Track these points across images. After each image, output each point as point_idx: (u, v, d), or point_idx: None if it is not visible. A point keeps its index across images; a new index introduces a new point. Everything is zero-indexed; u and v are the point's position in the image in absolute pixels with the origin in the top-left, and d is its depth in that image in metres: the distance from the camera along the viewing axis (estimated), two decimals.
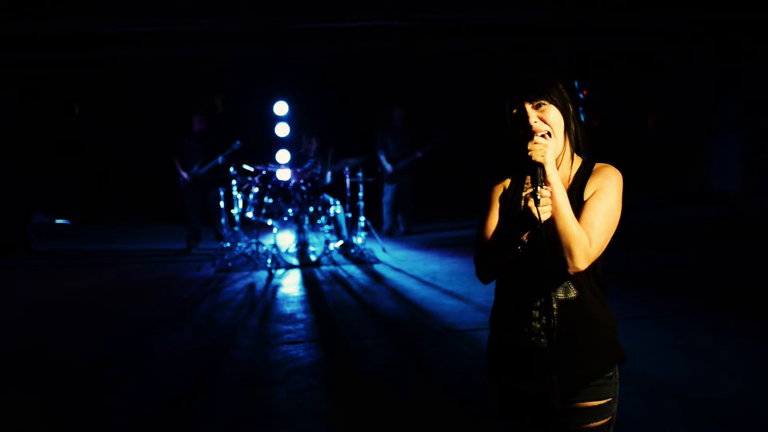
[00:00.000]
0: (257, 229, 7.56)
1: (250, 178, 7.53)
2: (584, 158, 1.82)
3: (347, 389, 3.92)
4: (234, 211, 7.67)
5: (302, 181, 7.46)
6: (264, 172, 7.59)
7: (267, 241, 7.51)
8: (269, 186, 7.45)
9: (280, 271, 7.07)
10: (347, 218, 7.86)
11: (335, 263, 7.42)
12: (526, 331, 1.76)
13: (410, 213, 9.18)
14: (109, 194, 11.62)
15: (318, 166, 7.88)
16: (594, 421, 1.78)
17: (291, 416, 3.53)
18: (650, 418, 3.29)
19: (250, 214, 7.45)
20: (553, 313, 1.73)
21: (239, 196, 7.60)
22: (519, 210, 1.69)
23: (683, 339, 4.47)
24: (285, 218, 7.33)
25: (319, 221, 7.37)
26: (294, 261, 7.34)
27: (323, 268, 7.18)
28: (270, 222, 7.38)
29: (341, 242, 7.71)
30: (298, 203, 7.32)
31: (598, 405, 1.77)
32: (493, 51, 9.92)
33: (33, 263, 8.26)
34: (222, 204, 7.82)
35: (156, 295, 6.32)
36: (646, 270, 6.55)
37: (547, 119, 1.71)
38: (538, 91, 1.71)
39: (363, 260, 7.44)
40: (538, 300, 1.75)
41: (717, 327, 4.70)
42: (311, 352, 4.51)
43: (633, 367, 3.87)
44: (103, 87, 11.38)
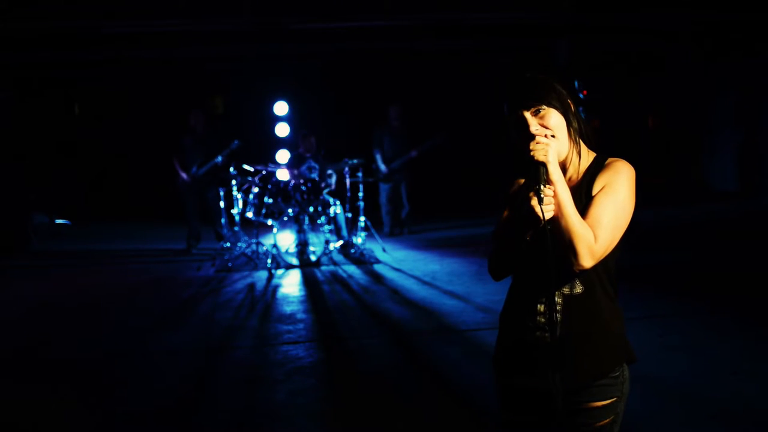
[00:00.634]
0: (257, 229, 7.56)
1: (250, 178, 7.53)
2: (597, 154, 1.81)
3: (347, 389, 3.92)
4: (234, 211, 7.67)
5: (302, 181, 7.46)
6: (264, 172, 7.59)
7: (267, 241, 7.51)
8: (269, 186, 7.44)
9: (280, 271, 7.07)
10: (347, 218, 7.86)
11: (335, 263, 7.41)
12: (531, 326, 1.76)
13: (407, 213, 9.14)
14: (109, 194, 11.62)
15: (316, 167, 7.88)
16: (598, 422, 1.77)
17: (291, 416, 3.52)
18: (651, 418, 3.28)
19: (250, 214, 7.45)
20: (557, 308, 1.73)
21: (239, 196, 7.60)
22: (523, 209, 1.69)
23: (684, 338, 4.46)
24: (285, 218, 7.33)
25: (319, 221, 7.37)
26: (294, 261, 7.34)
27: (323, 268, 7.18)
28: (270, 222, 7.38)
29: (341, 242, 7.71)
30: (298, 203, 7.32)
31: (603, 405, 1.77)
32: (493, 51, 9.93)
33: (33, 263, 8.26)
34: (222, 204, 7.82)
35: (156, 295, 6.31)
36: (647, 269, 6.54)
37: (548, 124, 1.70)
38: (535, 97, 1.70)
39: (363, 260, 7.44)
40: (544, 295, 1.75)
41: (718, 326, 4.69)
42: (311, 352, 4.51)
43: (634, 367, 3.87)
44: (103, 87, 11.38)
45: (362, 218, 8.10)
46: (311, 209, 7.30)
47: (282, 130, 8.38)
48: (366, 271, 6.96)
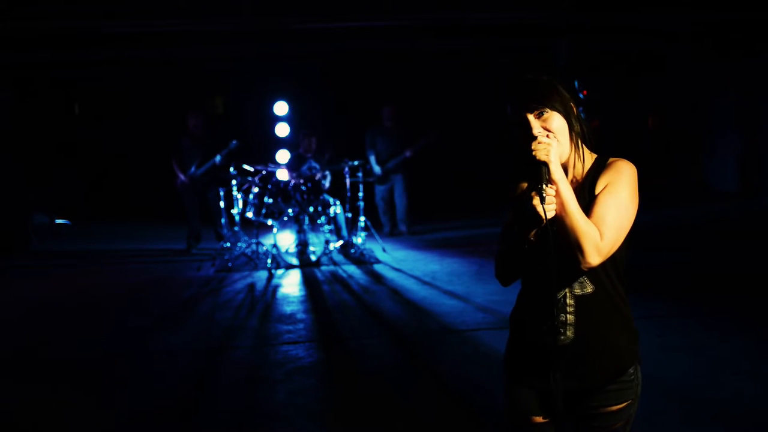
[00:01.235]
0: (257, 229, 7.56)
1: (250, 178, 7.53)
2: (599, 154, 1.82)
3: (347, 389, 3.92)
4: (234, 211, 7.67)
5: (302, 181, 7.46)
6: (264, 172, 7.59)
7: (267, 241, 7.51)
8: (269, 186, 7.44)
9: (280, 271, 7.07)
10: (347, 218, 7.86)
11: (335, 263, 7.41)
12: (545, 330, 1.75)
13: (404, 213, 9.07)
14: (109, 194, 11.61)
15: (317, 168, 7.88)
16: (612, 425, 1.78)
17: (291, 416, 3.52)
18: (651, 418, 3.28)
19: (250, 214, 7.45)
20: (569, 309, 1.73)
21: (239, 196, 7.59)
22: (526, 209, 1.69)
23: (684, 339, 4.47)
24: (285, 218, 7.33)
25: (319, 221, 7.37)
26: (294, 261, 7.34)
27: (323, 268, 7.18)
28: (270, 222, 7.38)
29: (341, 242, 7.71)
30: (298, 203, 7.32)
31: (618, 409, 1.78)
32: (493, 51, 9.93)
33: (33, 263, 8.26)
34: (222, 204, 7.81)
35: (156, 295, 6.31)
36: (647, 270, 6.54)
37: (551, 127, 1.70)
38: (538, 100, 1.70)
39: (363, 260, 7.44)
40: (557, 296, 1.74)
41: (717, 326, 4.69)
42: (311, 352, 4.51)
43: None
44: (103, 87, 11.38)
45: (362, 218, 8.10)
46: (311, 209, 7.30)
47: (282, 130, 8.37)
48: (366, 271, 6.96)
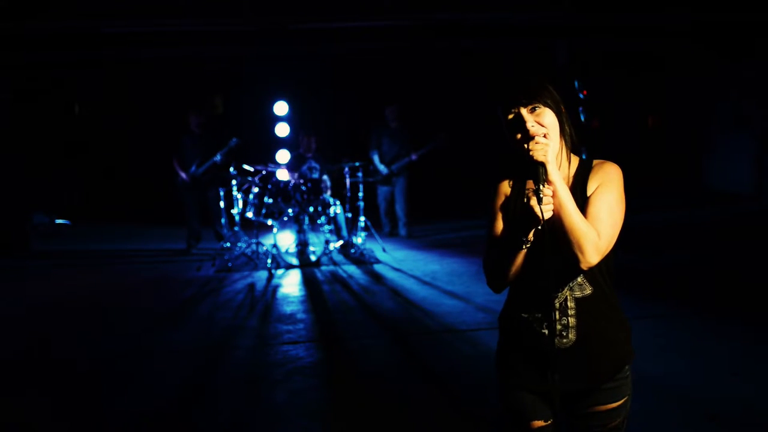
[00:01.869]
0: (257, 229, 7.57)
1: (250, 178, 7.54)
2: (581, 157, 1.84)
3: (347, 389, 3.92)
4: (234, 211, 7.67)
5: (302, 181, 7.46)
6: (264, 172, 7.60)
7: (267, 241, 7.51)
8: (269, 186, 7.45)
9: (280, 271, 7.07)
10: (347, 218, 7.86)
11: (335, 263, 7.42)
12: (545, 332, 1.75)
13: (405, 216, 9.03)
14: (109, 194, 11.62)
15: (317, 168, 7.88)
16: (612, 422, 1.80)
17: (291, 416, 3.53)
18: (650, 418, 3.29)
19: (250, 214, 7.45)
20: (569, 312, 1.74)
21: (239, 196, 7.60)
22: (522, 210, 1.70)
23: (683, 339, 4.47)
24: (285, 218, 7.33)
25: (319, 221, 7.37)
26: (294, 261, 7.34)
27: (323, 268, 7.18)
28: (270, 222, 7.38)
29: (341, 242, 7.71)
30: (298, 203, 7.32)
31: (616, 406, 1.79)
32: (493, 51, 9.92)
33: (33, 263, 8.26)
34: (222, 204, 7.82)
35: (156, 295, 6.32)
36: (646, 270, 6.55)
37: (543, 122, 1.71)
38: (532, 95, 1.72)
39: (363, 260, 7.45)
40: (557, 299, 1.75)
41: (717, 327, 4.69)
42: (311, 352, 4.51)
43: (633, 367, 3.87)
44: (103, 87, 11.38)
45: (362, 218, 8.10)
46: (311, 209, 7.30)
47: (282, 130, 8.38)
48: (366, 271, 6.96)
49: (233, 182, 7.54)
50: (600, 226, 1.68)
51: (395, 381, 4.00)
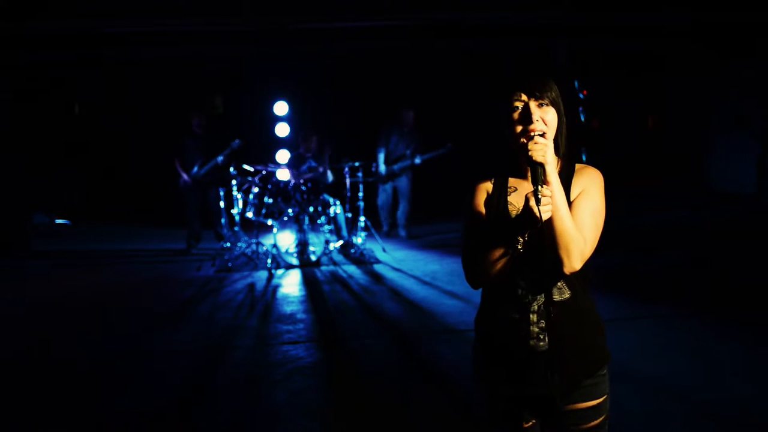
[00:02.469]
0: (257, 229, 7.57)
1: (250, 178, 7.54)
2: (581, 157, 1.84)
3: (347, 389, 3.92)
4: (234, 211, 7.67)
5: (302, 181, 7.46)
6: (264, 172, 7.59)
7: (267, 241, 7.51)
8: (269, 186, 7.45)
9: (280, 271, 7.07)
10: (347, 218, 7.86)
11: (335, 263, 7.42)
12: (524, 335, 1.75)
13: (405, 218, 8.97)
14: (109, 194, 11.62)
15: (318, 168, 7.88)
16: (592, 421, 1.79)
17: (291, 416, 3.53)
18: (650, 418, 3.29)
19: (250, 214, 7.45)
20: (549, 315, 1.73)
21: (239, 196, 7.60)
22: (504, 209, 1.70)
23: (683, 339, 4.47)
24: (285, 218, 7.33)
25: (319, 221, 7.37)
26: (294, 261, 7.34)
27: (323, 268, 7.18)
28: (270, 222, 7.38)
29: (341, 242, 7.71)
30: (298, 203, 7.32)
31: (595, 404, 1.79)
32: (493, 51, 9.92)
33: (33, 263, 8.26)
34: (222, 204, 7.82)
35: (156, 295, 6.32)
36: (646, 270, 6.55)
37: (547, 119, 1.72)
38: (543, 90, 1.72)
39: (363, 260, 7.45)
40: (535, 302, 1.74)
41: (717, 327, 4.69)
42: (311, 352, 4.51)
43: (633, 367, 3.88)
44: (103, 87, 11.38)
45: (362, 218, 8.10)
46: (311, 209, 7.30)
47: (282, 130, 8.37)
48: (366, 271, 6.96)
49: (233, 182, 7.54)
50: (585, 232, 1.68)
51: (395, 381, 4.00)
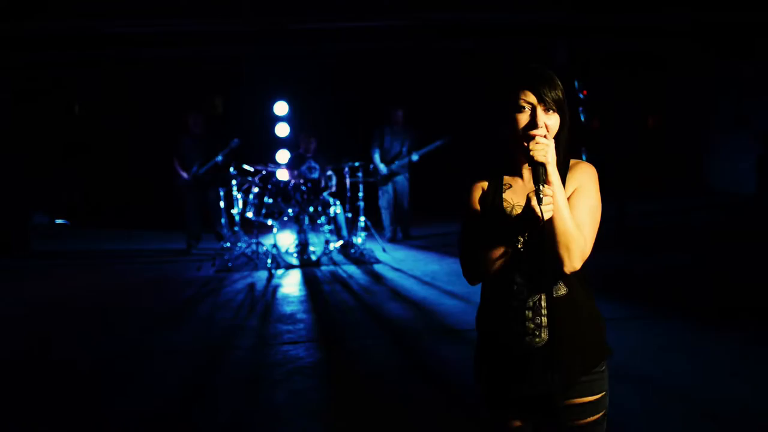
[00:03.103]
0: (257, 229, 7.57)
1: (250, 178, 7.54)
2: (581, 157, 1.84)
3: (347, 390, 3.92)
4: (234, 211, 7.67)
5: (302, 181, 7.46)
6: (264, 172, 7.59)
7: (267, 241, 7.51)
8: (269, 186, 7.45)
9: (280, 271, 7.07)
10: (347, 218, 7.86)
11: (335, 263, 7.42)
12: (520, 332, 1.75)
13: (407, 216, 8.95)
14: (109, 194, 11.62)
15: (316, 168, 7.88)
16: (590, 416, 1.79)
17: (291, 416, 3.53)
18: (650, 418, 3.29)
19: (250, 214, 7.45)
20: (543, 312, 1.74)
21: (239, 196, 7.60)
22: (499, 206, 1.70)
23: (683, 339, 4.47)
24: (285, 218, 7.33)
25: (319, 221, 7.37)
26: (294, 261, 7.34)
27: (323, 268, 7.18)
28: (270, 222, 7.38)
29: (341, 242, 7.71)
30: (298, 203, 7.32)
31: (594, 400, 1.78)
32: (493, 51, 9.92)
33: (33, 263, 8.26)
34: (222, 204, 7.82)
35: (156, 295, 6.32)
36: (646, 270, 6.55)
37: (550, 126, 1.71)
38: (551, 94, 1.69)
39: (363, 260, 7.45)
40: (530, 299, 1.74)
41: (717, 327, 4.69)
42: (311, 353, 4.51)
43: (633, 367, 3.88)
44: (103, 87, 11.38)
45: (362, 218, 8.09)
46: (311, 209, 7.30)
47: (282, 130, 8.37)
48: (366, 271, 6.96)
49: (233, 182, 7.54)
50: (585, 231, 1.69)
51: (395, 381, 4.00)
